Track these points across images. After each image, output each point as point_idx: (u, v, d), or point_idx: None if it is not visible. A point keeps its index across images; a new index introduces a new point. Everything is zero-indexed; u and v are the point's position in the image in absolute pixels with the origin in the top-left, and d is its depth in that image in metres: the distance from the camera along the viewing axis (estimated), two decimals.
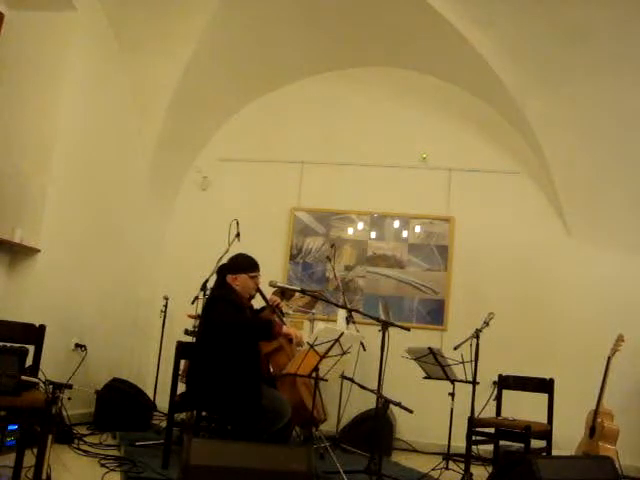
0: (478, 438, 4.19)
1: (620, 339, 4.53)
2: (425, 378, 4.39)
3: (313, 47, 5.77)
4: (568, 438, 4.69)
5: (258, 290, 3.96)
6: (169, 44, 5.12)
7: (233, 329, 3.49)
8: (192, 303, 4.87)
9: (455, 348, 4.11)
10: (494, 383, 4.86)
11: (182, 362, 4.08)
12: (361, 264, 5.82)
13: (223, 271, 3.83)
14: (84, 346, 4.84)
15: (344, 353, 3.53)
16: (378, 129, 6.00)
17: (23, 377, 2.81)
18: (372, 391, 3.67)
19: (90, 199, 4.92)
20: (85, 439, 4.23)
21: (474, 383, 4.02)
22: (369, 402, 4.78)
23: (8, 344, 2.87)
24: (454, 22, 4.93)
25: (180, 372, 4.02)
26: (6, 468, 3.06)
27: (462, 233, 5.72)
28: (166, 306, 5.50)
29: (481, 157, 5.80)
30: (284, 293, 4.57)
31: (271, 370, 3.83)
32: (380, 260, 5.81)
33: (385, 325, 3.80)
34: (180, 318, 5.29)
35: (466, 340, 4.12)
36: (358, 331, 4.80)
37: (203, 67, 5.35)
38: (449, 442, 4.38)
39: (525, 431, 4.01)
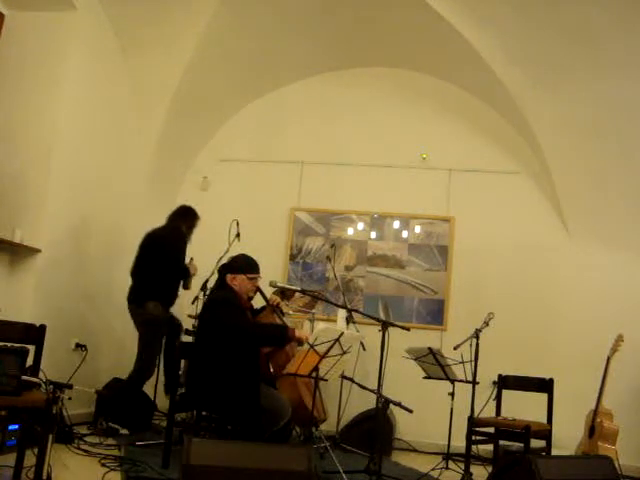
0: (478, 438, 4.19)
1: (620, 339, 4.54)
2: (425, 378, 4.39)
3: (313, 47, 5.77)
4: (568, 438, 4.70)
5: (258, 290, 3.96)
6: (169, 44, 5.12)
7: (245, 336, 3.51)
8: (192, 303, 4.87)
9: (455, 348, 4.12)
10: (494, 383, 4.86)
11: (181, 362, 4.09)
12: (361, 264, 5.82)
13: (223, 270, 3.84)
14: (84, 346, 4.84)
15: (344, 353, 3.53)
16: (378, 129, 6.00)
17: (24, 377, 2.81)
18: (372, 391, 3.67)
19: (90, 199, 4.93)
20: (85, 439, 4.23)
21: (474, 383, 4.03)
22: (369, 402, 4.77)
23: (8, 344, 2.88)
24: (454, 22, 4.93)
25: (180, 372, 4.03)
26: (6, 468, 3.06)
27: (462, 233, 5.72)
28: None
29: (481, 157, 5.81)
30: (284, 293, 4.57)
31: (271, 370, 3.83)
32: (380, 260, 5.81)
33: (385, 325, 3.80)
34: (180, 318, 5.29)
35: (466, 340, 4.12)
36: (358, 331, 4.80)
37: (203, 67, 5.35)
38: (449, 442, 4.38)
39: (525, 431, 4.01)
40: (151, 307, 4.60)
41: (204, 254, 5.12)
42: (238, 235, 4.99)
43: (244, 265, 3.77)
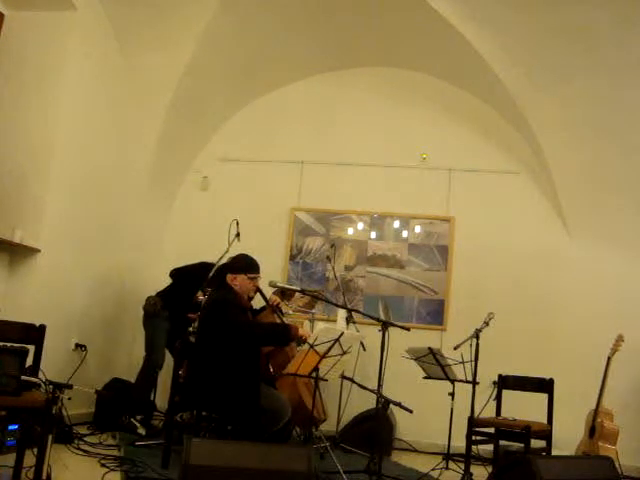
0: (478, 438, 4.19)
1: (620, 339, 4.54)
2: (425, 378, 4.39)
3: (313, 47, 5.77)
4: (568, 438, 4.69)
5: (258, 290, 3.96)
6: (169, 44, 5.12)
7: (249, 336, 3.51)
8: (192, 303, 4.86)
9: (455, 348, 4.11)
10: (494, 383, 4.86)
11: None
12: (361, 264, 5.82)
13: (224, 270, 3.84)
14: (84, 346, 4.84)
15: (344, 353, 3.53)
16: (378, 129, 6.00)
17: (23, 377, 2.81)
18: (372, 391, 3.67)
19: (90, 199, 4.92)
20: (85, 439, 4.23)
21: (474, 383, 4.02)
22: (369, 402, 4.77)
23: (8, 344, 2.88)
24: (454, 22, 4.93)
25: (180, 372, 4.02)
26: (6, 468, 3.06)
27: (462, 233, 5.71)
28: None
29: (481, 157, 5.80)
30: (284, 293, 4.58)
31: (271, 370, 3.83)
32: (380, 260, 5.81)
33: (385, 325, 3.80)
34: None
35: (466, 340, 4.12)
36: (358, 331, 4.80)
37: (203, 67, 5.35)
38: (449, 442, 4.38)
39: (525, 431, 4.00)
40: (147, 299, 4.89)
41: (204, 254, 5.12)
42: (238, 235, 4.98)
43: (244, 265, 3.77)
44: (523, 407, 4.61)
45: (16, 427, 3.19)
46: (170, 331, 4.81)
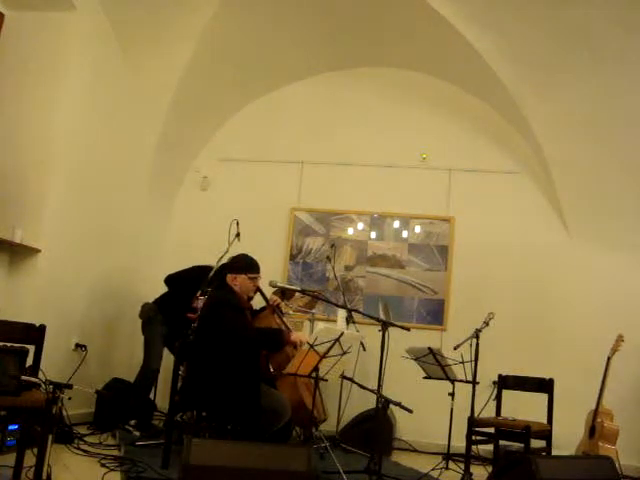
0: (478, 438, 4.19)
1: (620, 339, 4.54)
2: (425, 378, 4.39)
3: (313, 47, 5.77)
4: (568, 438, 4.70)
5: (258, 290, 3.96)
6: (169, 44, 5.12)
7: (243, 341, 3.51)
8: (192, 303, 4.86)
9: (455, 348, 4.12)
10: (494, 383, 4.86)
11: None
12: (361, 264, 5.82)
13: (224, 270, 3.84)
14: (84, 346, 4.84)
15: (344, 353, 3.53)
16: (378, 129, 6.00)
17: (23, 377, 2.81)
18: (372, 391, 3.67)
19: (90, 199, 4.92)
20: (85, 439, 4.23)
21: (474, 383, 4.02)
22: (369, 402, 4.78)
23: (8, 344, 2.88)
24: (454, 22, 4.93)
25: (180, 372, 4.02)
26: (6, 468, 3.06)
27: (462, 233, 5.72)
28: None
29: (481, 157, 5.81)
30: (284, 293, 4.57)
31: (271, 370, 3.83)
32: (380, 260, 5.81)
33: (385, 325, 3.80)
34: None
35: (466, 340, 4.12)
36: (358, 331, 4.80)
37: (203, 67, 5.35)
38: (449, 442, 4.38)
39: (525, 431, 4.01)
40: (141, 307, 4.95)
41: (204, 254, 5.12)
42: (238, 235, 4.98)
43: (245, 265, 3.77)
44: (523, 407, 4.62)
45: (16, 427, 3.20)
46: (168, 334, 4.80)
